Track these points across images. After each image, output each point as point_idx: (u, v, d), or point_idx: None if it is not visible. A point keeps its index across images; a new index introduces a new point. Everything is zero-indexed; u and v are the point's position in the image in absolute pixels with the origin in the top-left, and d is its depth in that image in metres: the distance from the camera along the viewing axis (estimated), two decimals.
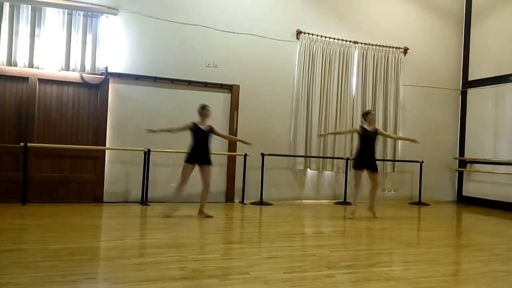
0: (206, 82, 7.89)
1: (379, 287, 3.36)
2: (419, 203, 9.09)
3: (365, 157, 6.67)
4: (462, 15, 10.08)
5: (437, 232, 6.11)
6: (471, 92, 9.86)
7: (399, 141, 9.25)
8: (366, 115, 6.88)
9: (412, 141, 7.18)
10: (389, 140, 9.13)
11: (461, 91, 10.03)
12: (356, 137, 7.42)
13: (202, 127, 6.12)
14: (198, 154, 6.06)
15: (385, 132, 7.77)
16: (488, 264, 4.23)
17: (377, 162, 6.63)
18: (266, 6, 8.42)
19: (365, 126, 6.76)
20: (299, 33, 8.56)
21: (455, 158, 9.98)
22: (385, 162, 9.14)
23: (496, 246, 5.24)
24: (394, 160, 9.24)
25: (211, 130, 6.19)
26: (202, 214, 6.21)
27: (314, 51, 8.65)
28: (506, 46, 9.02)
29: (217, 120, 8.04)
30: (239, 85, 8.12)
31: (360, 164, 6.68)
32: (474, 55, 9.83)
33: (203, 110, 6.17)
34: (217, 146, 8.00)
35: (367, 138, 6.69)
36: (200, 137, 6.09)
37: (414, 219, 7.39)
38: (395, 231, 5.99)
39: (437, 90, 9.84)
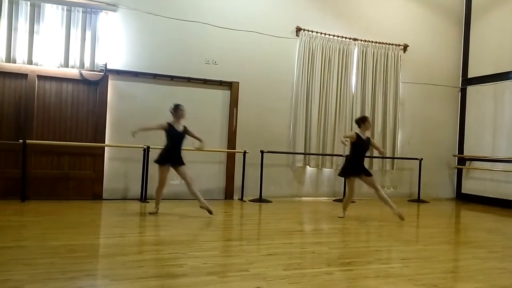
0: (205, 79, 7.87)
1: (378, 284, 3.37)
2: (418, 200, 9.10)
3: (359, 164, 6.33)
4: (462, 12, 10.07)
5: (435, 229, 6.13)
6: (470, 89, 9.86)
7: (398, 138, 9.36)
8: (363, 121, 6.36)
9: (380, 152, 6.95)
10: (388, 138, 9.17)
11: (461, 88, 10.02)
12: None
13: (176, 128, 6.00)
14: (172, 156, 5.95)
15: (375, 144, 6.87)
16: (486, 261, 4.24)
17: (375, 159, 6.53)
18: (266, 3, 8.40)
19: (359, 133, 6.32)
20: (298, 30, 8.55)
21: (454, 156, 9.99)
22: (384, 159, 9.15)
23: (494, 243, 5.26)
24: (393, 158, 9.25)
25: (185, 131, 6.06)
26: (203, 207, 6.03)
27: (313, 48, 8.63)
28: (505, 43, 9.01)
29: (217, 117, 8.06)
30: (238, 82, 8.11)
31: (355, 171, 6.29)
32: (474, 52, 9.82)
33: (177, 110, 6.01)
34: (216, 144, 8.02)
35: (363, 147, 6.35)
36: (175, 138, 5.97)
37: (413, 216, 7.39)
38: (394, 228, 6.00)
39: (437, 88, 9.83)
